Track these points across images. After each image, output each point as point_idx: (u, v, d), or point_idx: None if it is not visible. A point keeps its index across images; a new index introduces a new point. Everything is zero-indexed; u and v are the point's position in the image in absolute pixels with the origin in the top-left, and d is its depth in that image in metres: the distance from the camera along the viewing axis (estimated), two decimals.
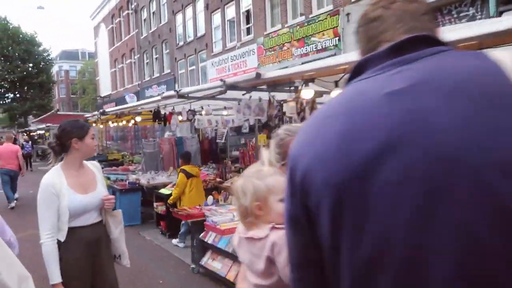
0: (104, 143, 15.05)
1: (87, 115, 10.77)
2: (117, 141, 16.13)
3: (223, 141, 10.78)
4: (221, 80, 4.57)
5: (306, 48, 15.42)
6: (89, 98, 49.04)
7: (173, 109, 7.84)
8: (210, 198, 5.65)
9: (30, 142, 24.64)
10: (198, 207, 5.47)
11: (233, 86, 4.58)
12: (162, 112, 7.90)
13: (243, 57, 19.01)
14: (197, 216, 5.23)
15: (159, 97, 6.86)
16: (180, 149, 10.88)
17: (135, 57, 31.22)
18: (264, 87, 4.63)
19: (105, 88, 38.09)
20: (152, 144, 10.36)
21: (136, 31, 30.45)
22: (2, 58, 34.33)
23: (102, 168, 11.35)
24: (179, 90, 5.65)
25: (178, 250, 6.71)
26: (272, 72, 3.99)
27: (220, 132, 10.53)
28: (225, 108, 8.13)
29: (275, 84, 4.39)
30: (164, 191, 7.73)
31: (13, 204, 10.44)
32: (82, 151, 2.60)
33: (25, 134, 29.28)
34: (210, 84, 4.89)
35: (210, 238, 5.21)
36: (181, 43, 24.71)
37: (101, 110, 9.66)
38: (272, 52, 17.15)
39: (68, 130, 2.58)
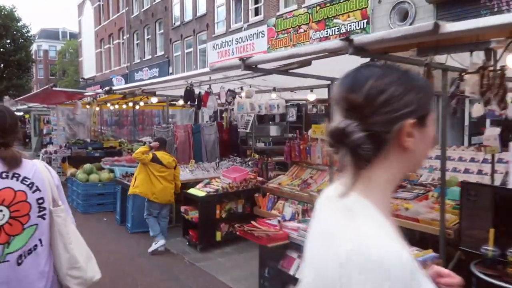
0: (98, 128, 13.09)
1: (90, 92, 8.90)
2: (111, 127, 14.19)
3: (248, 130, 9.11)
4: (347, 38, 2.92)
5: (327, 31, 13.79)
6: (69, 80, 45.98)
7: (210, 88, 6.12)
8: (289, 209, 4.02)
9: None
10: (273, 223, 3.83)
11: (363, 49, 2.95)
12: (196, 91, 6.16)
13: (251, 40, 17.22)
14: (280, 239, 3.59)
15: (197, 71, 5.14)
16: (196, 139, 9.17)
17: (124, 37, 28.86)
18: (407, 54, 3.01)
19: (88, 70, 35.45)
20: (166, 131, 8.59)
21: (126, 9, 28.05)
22: None
23: (100, 157, 9.49)
24: (246, 59, 3.95)
25: (223, 271, 5.07)
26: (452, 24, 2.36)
27: (244, 120, 8.84)
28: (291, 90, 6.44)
29: (437, 47, 2.78)
30: (196, 192, 6.03)
31: None
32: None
33: None
34: (322, 44, 3.19)
35: (295, 268, 3.61)
36: (178, 23, 22.64)
37: (106, 88, 7.79)
38: (286, 35, 15.45)
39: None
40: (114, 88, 7.91)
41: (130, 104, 10.40)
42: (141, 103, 9.66)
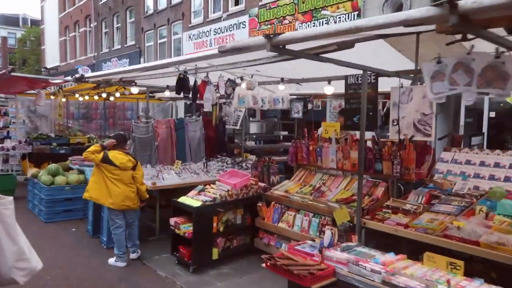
0: (64, 122, 11.64)
1: (57, 80, 7.54)
2: (78, 120, 12.74)
3: (238, 127, 8.08)
4: (449, 1, 2.01)
5: (314, 23, 12.94)
6: (30, 69, 42.86)
7: (207, 76, 5.05)
8: (328, 234, 3.07)
9: None
10: (308, 251, 2.88)
11: (467, 19, 2.05)
12: (191, 80, 5.07)
13: (230, 31, 16.14)
14: (326, 277, 2.64)
15: (197, 54, 4.12)
16: (180, 135, 8.07)
17: (91, 25, 26.91)
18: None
19: (52, 59, 33.03)
20: (145, 127, 7.43)
21: None
22: None
23: (66, 155, 8.17)
24: (273, 35, 2.96)
25: None
26: None
27: (236, 115, 7.81)
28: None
29: None
30: (189, 201, 4.98)
31: None
32: None
33: None
34: (403, 13, 2.24)
35: None
36: (151, 11, 21.16)
37: (77, 75, 6.55)
38: (269, 26, 14.48)
39: None
40: (86, 75, 6.68)
41: (104, 95, 9.10)
42: (117, 94, 8.42)
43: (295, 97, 6.68)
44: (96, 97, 9.53)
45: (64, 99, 10.55)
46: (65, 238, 6.09)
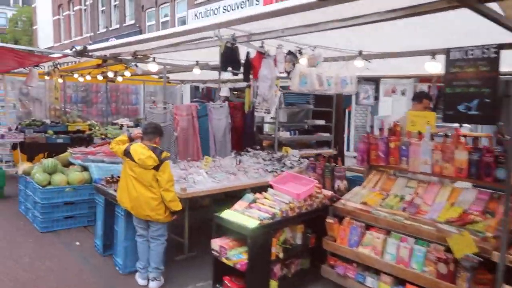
0: (61, 107, 10.10)
1: (56, 54, 5.99)
2: (77, 105, 11.20)
3: (272, 115, 6.67)
4: None
5: None
6: None
7: (263, 46, 3.61)
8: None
9: None
10: None
11: None
12: (243, 52, 3.60)
13: (242, 7, 14.58)
14: None
15: (253, 11, 2.72)
16: (202, 124, 6.66)
17: (87, 3, 25.01)
18: None
19: (45, 40, 31.02)
20: (162, 114, 6.00)
21: None
22: None
23: (64, 145, 5.19)
24: None
25: None
26: None
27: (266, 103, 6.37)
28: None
29: None
30: (241, 219, 3.59)
31: None
32: None
33: None
34: None
35: None
36: None
37: (78, 47, 5.07)
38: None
39: None
40: (90, 47, 5.19)
41: (111, 74, 7.57)
42: (127, 74, 6.91)
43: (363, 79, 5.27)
44: (100, 77, 8.01)
45: (60, 80, 9.00)
46: (67, 256, 4.69)
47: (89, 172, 5.84)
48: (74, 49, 5.23)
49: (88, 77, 8.42)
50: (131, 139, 4.16)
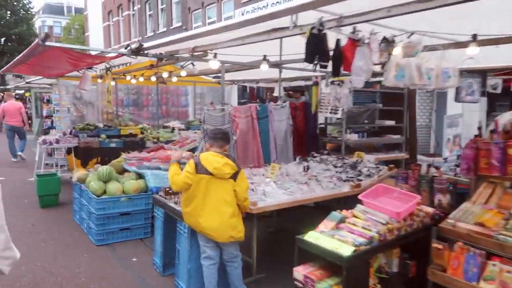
0: (114, 110, 9.91)
1: (111, 54, 5.59)
2: (128, 107, 11.01)
3: (339, 115, 5.96)
4: None
5: None
6: None
7: (355, 31, 2.91)
8: None
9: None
10: None
11: None
12: (332, 38, 2.94)
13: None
14: None
15: None
16: (263, 127, 6.06)
17: (135, 8, 25.35)
18: None
19: (96, 46, 31.91)
20: (221, 116, 5.45)
21: None
22: None
23: (117, 150, 4.36)
24: None
25: None
26: None
27: (338, 102, 5.67)
28: None
29: None
30: (331, 244, 2.91)
31: (15, 159, 11.04)
32: None
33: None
34: None
35: None
36: None
37: (134, 45, 4.63)
38: None
39: None
40: (146, 45, 4.73)
41: (165, 75, 7.12)
42: (183, 74, 6.45)
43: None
44: (154, 78, 7.64)
45: (113, 83, 8.78)
46: (124, 276, 4.24)
47: (144, 179, 5.41)
48: (129, 48, 4.79)
49: (141, 79, 8.09)
50: (179, 163, 3.67)
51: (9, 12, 29.52)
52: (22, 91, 21.53)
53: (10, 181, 8.84)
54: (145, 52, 4.85)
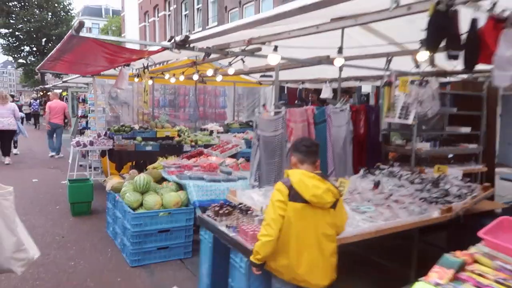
0: (150, 111, 9.34)
1: (154, 46, 4.85)
2: (164, 108, 10.44)
3: (410, 122, 5.06)
4: None
5: None
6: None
7: (493, 8, 2.07)
8: None
9: (37, 100, 22.96)
10: None
11: None
12: (464, 20, 2.13)
13: None
14: None
15: None
16: (320, 133, 5.24)
17: (171, 8, 25.08)
18: None
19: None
20: (274, 120, 4.68)
21: None
22: (16, 3, 28.37)
23: (154, 153, 4.23)
24: None
25: None
26: None
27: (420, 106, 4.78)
28: None
29: None
30: None
31: (53, 153, 11.81)
32: None
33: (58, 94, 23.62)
34: None
35: None
36: None
37: (178, 38, 3.92)
38: None
39: None
40: (192, 37, 4.01)
41: (210, 72, 6.38)
42: (230, 71, 5.71)
43: None
44: (195, 77, 6.95)
45: (150, 82, 8.18)
46: None
47: (185, 191, 4.70)
48: (173, 41, 4.09)
49: (182, 78, 7.43)
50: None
51: (50, 14, 30.07)
52: (60, 90, 21.64)
53: (44, 183, 8.43)
54: (191, 45, 4.13)
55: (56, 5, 30.04)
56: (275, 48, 3.99)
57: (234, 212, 3.49)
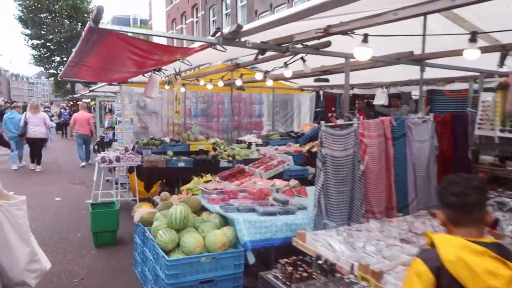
0: (182, 121, 8.40)
1: (199, 41, 3.91)
2: (196, 118, 9.50)
3: (503, 135, 3.89)
4: None
5: None
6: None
7: None
8: None
9: (67, 110, 22.92)
10: None
11: None
12: None
13: None
14: None
15: None
16: (399, 150, 4.13)
17: (199, 14, 24.44)
18: None
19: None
20: (342, 137, 3.59)
21: None
22: (47, 14, 28.48)
23: (186, 170, 4.29)
24: None
25: None
26: None
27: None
28: None
29: None
30: None
31: (83, 163, 11.91)
32: None
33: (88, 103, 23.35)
34: None
35: None
36: None
37: (227, 29, 2.91)
38: None
39: None
40: (245, 28, 3.01)
41: (259, 76, 5.30)
42: (288, 74, 4.63)
43: None
44: (238, 82, 5.93)
45: (183, 89, 7.25)
46: None
47: (234, 228, 3.65)
48: (219, 34, 3.08)
49: (221, 83, 6.44)
50: None
51: (79, 24, 30.08)
52: (88, 100, 21.25)
53: (67, 203, 7.62)
54: (242, 40, 3.11)
55: (85, 15, 30.01)
56: (365, 39, 2.90)
57: (314, 273, 2.41)
